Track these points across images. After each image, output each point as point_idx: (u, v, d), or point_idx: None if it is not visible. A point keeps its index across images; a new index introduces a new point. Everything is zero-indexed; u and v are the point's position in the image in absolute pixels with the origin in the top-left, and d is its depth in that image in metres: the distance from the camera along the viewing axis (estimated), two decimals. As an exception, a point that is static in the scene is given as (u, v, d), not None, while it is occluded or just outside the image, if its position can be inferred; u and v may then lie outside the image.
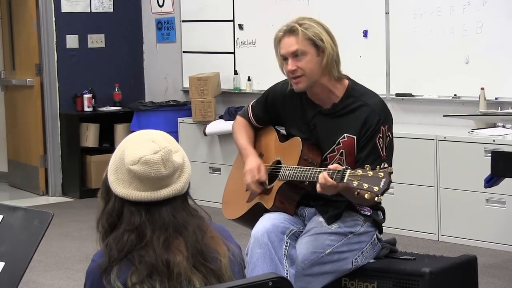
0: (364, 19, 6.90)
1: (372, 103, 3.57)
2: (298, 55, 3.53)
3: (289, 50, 3.55)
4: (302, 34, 3.53)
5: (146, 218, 2.24)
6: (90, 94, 8.41)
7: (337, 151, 3.57)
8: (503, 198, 5.82)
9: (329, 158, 3.59)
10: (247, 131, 3.89)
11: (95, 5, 8.58)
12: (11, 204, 2.48)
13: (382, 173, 3.13)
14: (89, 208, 7.41)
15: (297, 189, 3.63)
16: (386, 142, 3.53)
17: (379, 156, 3.50)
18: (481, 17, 6.25)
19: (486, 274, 5.27)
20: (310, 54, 3.54)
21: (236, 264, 2.33)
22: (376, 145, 3.50)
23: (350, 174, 3.19)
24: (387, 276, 3.59)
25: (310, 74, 3.55)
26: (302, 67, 3.54)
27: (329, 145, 3.59)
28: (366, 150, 3.50)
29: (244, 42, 7.82)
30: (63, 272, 5.72)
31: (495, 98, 6.21)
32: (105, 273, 2.21)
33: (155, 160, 2.23)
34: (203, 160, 7.70)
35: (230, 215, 3.88)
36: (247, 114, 3.91)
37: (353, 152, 3.54)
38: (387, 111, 3.60)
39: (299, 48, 3.53)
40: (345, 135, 3.56)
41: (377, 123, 3.51)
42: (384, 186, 3.12)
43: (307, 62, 3.54)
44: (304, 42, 3.53)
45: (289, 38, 3.56)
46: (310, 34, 3.53)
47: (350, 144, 3.55)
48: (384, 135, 3.52)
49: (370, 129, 3.51)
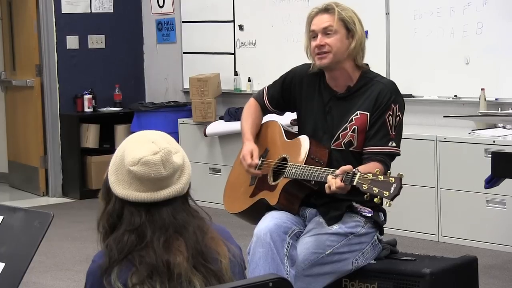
0: (364, 20, 6.79)
1: (385, 81, 3.66)
2: (329, 32, 3.58)
3: (321, 25, 3.60)
4: (337, 14, 3.61)
5: (146, 219, 2.24)
6: (90, 95, 8.42)
7: (349, 128, 3.59)
8: (504, 198, 5.82)
9: (341, 136, 3.60)
10: (254, 117, 3.90)
11: (96, 5, 8.58)
12: (11, 205, 2.48)
13: (393, 178, 3.13)
14: (90, 209, 7.41)
15: (302, 188, 3.63)
16: (396, 121, 3.57)
17: (387, 133, 3.53)
18: (481, 18, 6.25)
19: (486, 275, 5.26)
20: (340, 34, 3.60)
21: (237, 265, 2.33)
22: (385, 122, 3.54)
23: (360, 177, 3.20)
24: (388, 277, 3.60)
25: (336, 53, 3.59)
26: (331, 44, 3.59)
27: (342, 124, 3.62)
28: (376, 127, 3.55)
29: (245, 42, 7.82)
30: (64, 273, 5.72)
31: (495, 99, 6.21)
32: (105, 274, 2.21)
33: (155, 161, 2.23)
34: (204, 161, 7.70)
35: (232, 209, 3.87)
36: (262, 95, 3.94)
37: (365, 129, 3.57)
38: (399, 93, 3.65)
39: (331, 24, 3.58)
40: (358, 112, 3.59)
41: (388, 100, 3.56)
42: (395, 192, 3.12)
43: (336, 40, 3.59)
44: (337, 21, 3.60)
45: (323, 15, 3.62)
46: (345, 15, 3.62)
47: (363, 120, 3.58)
48: (394, 114, 3.56)
49: (382, 105, 3.56)
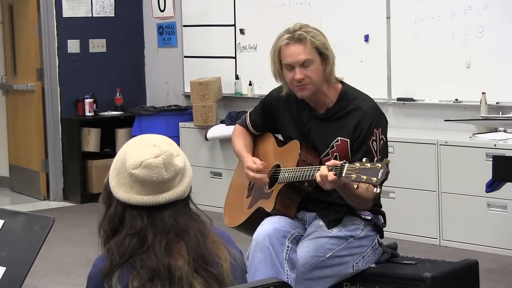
0: (365, 24, 6.90)
1: (365, 106, 3.60)
2: (306, 64, 3.55)
3: (297, 59, 3.55)
4: (310, 43, 3.54)
5: (148, 222, 2.24)
6: (91, 99, 8.42)
7: (331, 154, 3.59)
8: (505, 202, 5.82)
9: (324, 161, 3.60)
10: (244, 138, 3.94)
11: (97, 9, 8.59)
12: (12, 209, 2.49)
13: (380, 164, 3.16)
14: (91, 213, 7.41)
15: (297, 191, 3.65)
16: (380, 145, 3.55)
17: (372, 159, 3.51)
18: (482, 22, 6.25)
19: (487, 279, 5.26)
20: (316, 63, 3.57)
21: (238, 269, 2.33)
22: (369, 148, 3.53)
23: (348, 168, 3.22)
24: (388, 280, 3.60)
25: (316, 82, 3.58)
26: (310, 76, 3.56)
27: (324, 148, 3.62)
28: (360, 154, 3.52)
29: (245, 46, 7.83)
30: (64, 277, 5.71)
31: (496, 103, 6.21)
32: (106, 278, 2.21)
33: (156, 163, 2.23)
34: (205, 164, 7.70)
35: (232, 223, 3.90)
36: (245, 121, 3.96)
37: (347, 155, 3.56)
38: (380, 114, 3.62)
39: (308, 57, 3.55)
40: (339, 139, 3.59)
41: (369, 126, 3.54)
42: (382, 177, 3.15)
43: (314, 70, 3.56)
44: (311, 51, 3.55)
45: (296, 47, 3.55)
46: (318, 43, 3.55)
47: (343, 147, 3.57)
48: (377, 138, 3.54)
49: (363, 132, 3.53)
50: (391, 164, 3.21)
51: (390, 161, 3.20)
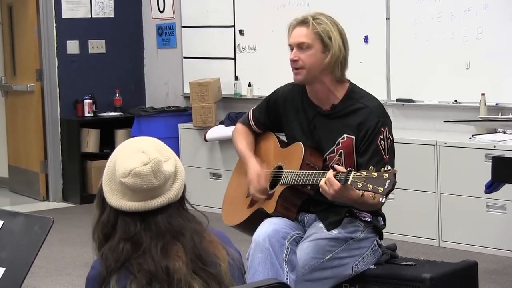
0: (364, 25, 6.90)
1: (371, 105, 3.59)
2: (303, 47, 3.56)
3: (296, 40, 3.59)
4: (312, 28, 3.57)
5: (142, 228, 2.24)
6: (90, 100, 8.42)
7: (336, 151, 3.58)
8: (504, 203, 5.82)
9: (328, 159, 3.60)
10: (246, 137, 3.90)
11: (96, 10, 8.59)
12: (12, 210, 2.49)
13: (386, 174, 3.14)
14: (90, 214, 7.33)
15: (299, 194, 3.63)
16: (388, 144, 3.54)
17: (382, 158, 3.50)
18: (481, 23, 6.25)
19: (486, 280, 5.26)
20: (314, 49, 3.57)
21: (236, 269, 2.32)
22: (378, 148, 3.51)
23: (354, 176, 3.21)
24: (388, 282, 3.60)
25: (309, 68, 3.57)
26: (303, 60, 3.57)
27: (329, 145, 3.61)
28: (369, 153, 3.51)
29: (245, 47, 7.83)
30: (64, 277, 5.71)
31: (495, 104, 6.21)
32: (103, 282, 2.21)
33: (145, 172, 2.22)
34: (204, 165, 7.70)
35: (231, 222, 3.88)
36: (247, 119, 3.93)
37: (351, 153, 3.55)
38: (386, 114, 3.62)
39: (306, 41, 3.56)
40: (345, 136, 3.58)
41: (376, 125, 3.53)
42: (389, 187, 3.13)
43: (309, 55, 3.56)
44: (312, 35, 3.57)
45: (299, 29, 3.61)
46: (320, 29, 3.57)
47: (349, 144, 3.56)
48: (385, 137, 3.53)
49: (369, 131, 3.52)
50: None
51: (397, 170, 3.19)
